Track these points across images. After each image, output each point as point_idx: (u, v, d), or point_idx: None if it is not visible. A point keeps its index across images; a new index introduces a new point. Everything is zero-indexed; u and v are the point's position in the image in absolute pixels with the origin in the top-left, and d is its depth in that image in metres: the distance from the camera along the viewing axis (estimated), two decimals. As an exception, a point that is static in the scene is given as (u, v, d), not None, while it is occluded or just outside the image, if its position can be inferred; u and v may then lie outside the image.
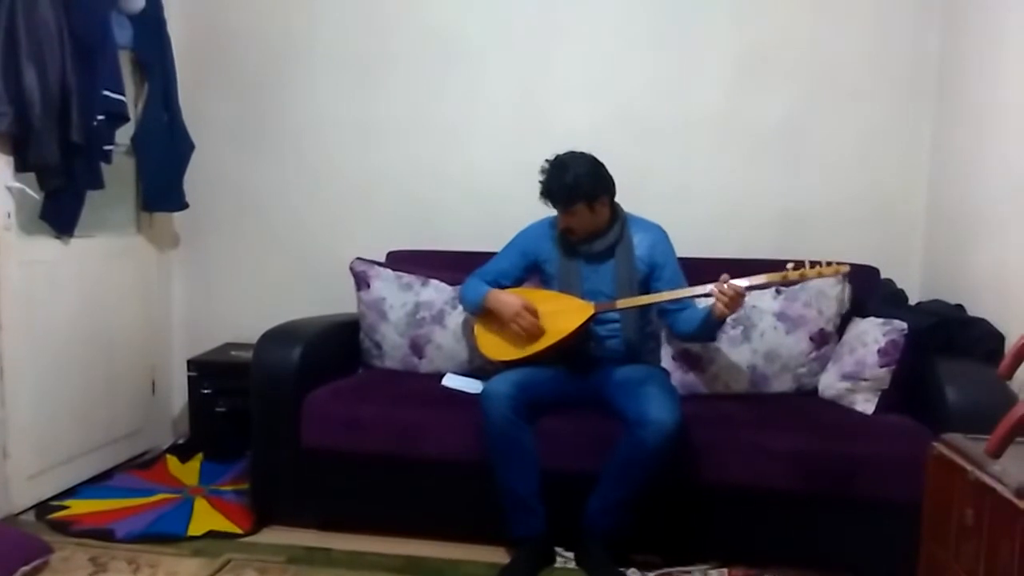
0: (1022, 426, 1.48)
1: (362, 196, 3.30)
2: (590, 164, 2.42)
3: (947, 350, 2.37)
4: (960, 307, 2.56)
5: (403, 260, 2.98)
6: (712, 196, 3.09)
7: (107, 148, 2.79)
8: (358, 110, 3.27)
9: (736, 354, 2.59)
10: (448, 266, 2.85)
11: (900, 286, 2.79)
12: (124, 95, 2.81)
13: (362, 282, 2.85)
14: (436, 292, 2.81)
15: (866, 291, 2.71)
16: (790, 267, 2.26)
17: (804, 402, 2.55)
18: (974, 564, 1.55)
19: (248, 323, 3.08)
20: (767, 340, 2.59)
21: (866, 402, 2.42)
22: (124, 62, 2.93)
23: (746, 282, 2.26)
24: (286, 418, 2.48)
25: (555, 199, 2.41)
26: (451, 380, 2.66)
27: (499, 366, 2.48)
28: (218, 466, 3.04)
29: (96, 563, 2.29)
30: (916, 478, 1.87)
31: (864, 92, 2.99)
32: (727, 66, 3.05)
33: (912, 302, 2.77)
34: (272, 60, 3.31)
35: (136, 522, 2.55)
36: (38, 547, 2.23)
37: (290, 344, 2.54)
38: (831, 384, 2.54)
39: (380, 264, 2.90)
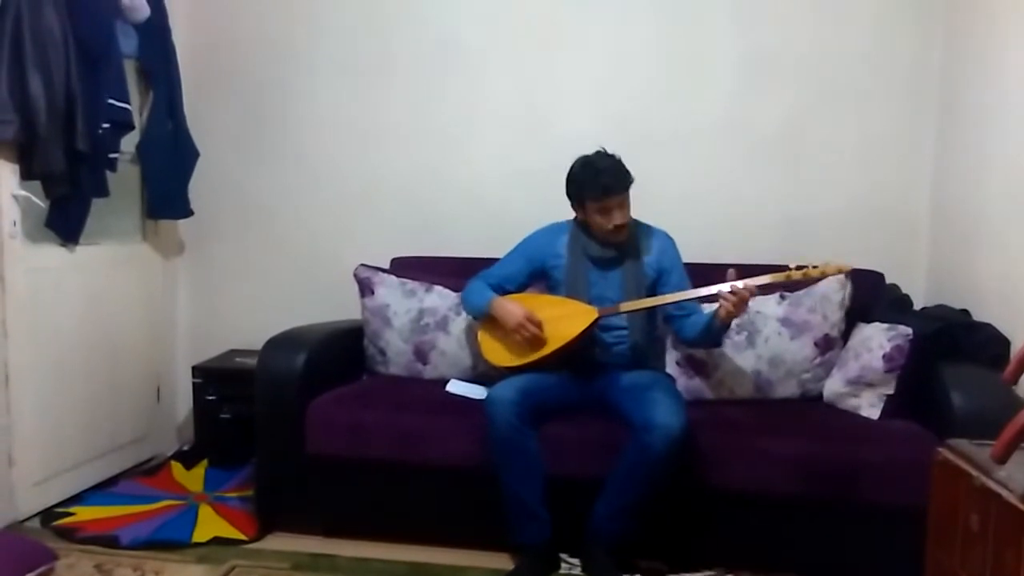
0: (1028, 431, 1.48)
1: (366, 202, 3.31)
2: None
3: (952, 355, 2.36)
4: (965, 312, 2.54)
5: (407, 266, 2.98)
6: (715, 201, 3.09)
7: (112, 156, 2.80)
8: (361, 117, 3.28)
9: (741, 359, 2.59)
10: (452, 272, 2.85)
11: (905, 291, 2.79)
12: (129, 103, 2.83)
13: (366, 288, 2.85)
14: (440, 298, 2.81)
15: (871, 296, 2.70)
16: (793, 268, 2.26)
17: (809, 407, 2.54)
18: (980, 570, 1.54)
19: (252, 330, 3.09)
20: (771, 346, 2.59)
21: (871, 407, 2.41)
22: (129, 70, 2.95)
23: (751, 282, 2.25)
24: (290, 424, 2.48)
25: (615, 186, 2.38)
26: (455, 386, 2.66)
27: (503, 372, 2.48)
28: (223, 472, 3.04)
29: (101, 570, 2.30)
30: (921, 483, 1.85)
31: (866, 96, 2.99)
32: (729, 71, 3.05)
33: (917, 307, 2.77)
34: (276, 68, 3.32)
35: (141, 529, 2.55)
36: (43, 554, 2.21)
37: (294, 350, 2.55)
38: (836, 389, 2.53)
39: (384, 270, 2.90)
